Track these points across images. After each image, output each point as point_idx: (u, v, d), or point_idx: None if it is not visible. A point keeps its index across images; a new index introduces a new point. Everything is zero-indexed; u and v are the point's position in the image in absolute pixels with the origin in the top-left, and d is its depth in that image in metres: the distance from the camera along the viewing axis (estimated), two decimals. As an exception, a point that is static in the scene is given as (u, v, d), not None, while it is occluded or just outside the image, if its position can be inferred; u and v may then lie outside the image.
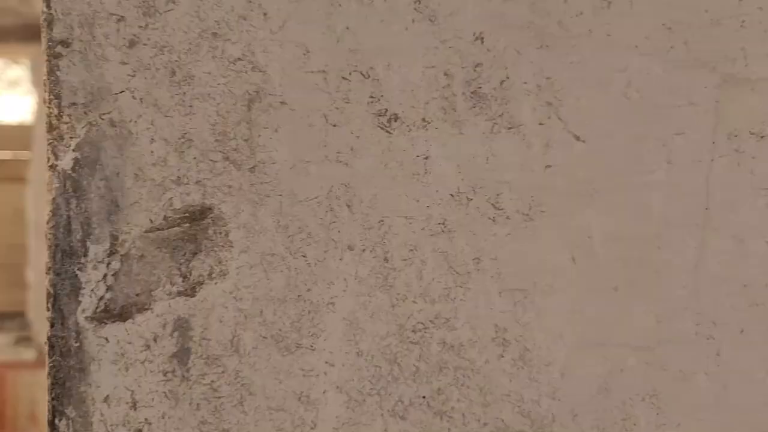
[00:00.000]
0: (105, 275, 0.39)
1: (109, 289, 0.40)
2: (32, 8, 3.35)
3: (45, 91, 0.39)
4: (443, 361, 0.41)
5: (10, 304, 3.68)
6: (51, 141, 0.39)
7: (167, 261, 0.40)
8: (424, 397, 0.41)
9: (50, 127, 0.39)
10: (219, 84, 0.39)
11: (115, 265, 0.39)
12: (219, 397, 0.40)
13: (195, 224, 0.40)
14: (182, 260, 0.40)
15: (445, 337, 0.41)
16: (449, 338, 0.41)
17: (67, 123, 0.39)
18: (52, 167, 0.39)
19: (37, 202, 3.44)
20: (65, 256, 0.39)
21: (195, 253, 0.40)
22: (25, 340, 3.45)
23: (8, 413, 3.38)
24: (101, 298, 0.39)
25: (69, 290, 0.39)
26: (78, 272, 0.39)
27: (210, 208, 0.40)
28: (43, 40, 0.39)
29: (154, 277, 0.40)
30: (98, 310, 0.39)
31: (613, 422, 0.41)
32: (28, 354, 3.34)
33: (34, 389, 3.30)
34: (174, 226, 0.40)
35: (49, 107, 0.39)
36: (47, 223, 0.39)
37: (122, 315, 0.40)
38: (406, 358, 0.41)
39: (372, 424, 0.41)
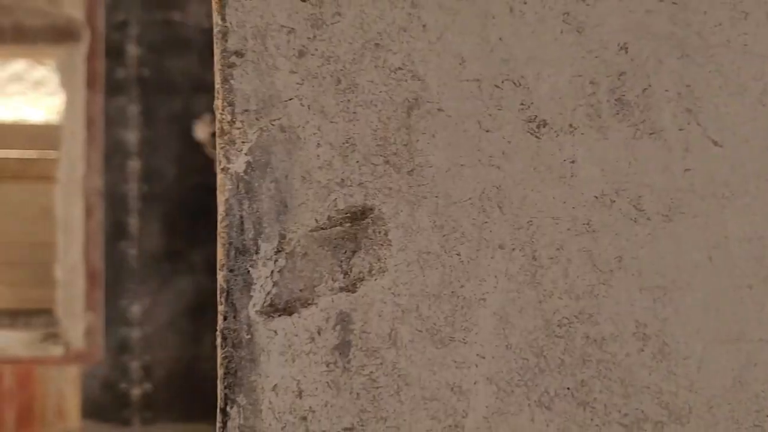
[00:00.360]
0: (272, 272, 0.42)
1: (275, 284, 0.42)
2: (60, 9, 3.38)
3: (218, 99, 0.42)
4: (587, 354, 0.43)
5: (37, 302, 3.72)
6: (223, 145, 0.42)
7: (329, 258, 0.42)
8: (568, 388, 0.43)
9: (222, 132, 0.42)
10: (381, 92, 0.42)
11: (281, 262, 0.42)
12: (377, 387, 0.42)
13: (356, 224, 0.42)
14: (343, 258, 0.42)
15: (589, 331, 0.43)
16: (592, 333, 0.43)
17: (239, 129, 0.41)
18: (224, 170, 0.42)
19: (64, 200, 3.47)
20: (238, 254, 0.41)
21: (355, 251, 0.42)
22: (52, 336, 3.49)
23: (36, 408, 3.42)
24: (268, 293, 0.42)
25: (242, 286, 0.41)
26: (250, 269, 0.41)
27: (371, 209, 0.42)
28: (217, 51, 0.41)
29: (316, 274, 0.42)
30: (265, 304, 0.42)
31: (746, 414, 0.43)
32: (56, 350, 3.38)
33: (62, 385, 3.34)
34: (336, 226, 0.42)
35: (222, 114, 0.41)
36: (220, 222, 0.42)
37: (287, 309, 0.42)
38: (551, 352, 0.43)
39: (519, 414, 0.43)
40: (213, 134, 3.30)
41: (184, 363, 3.37)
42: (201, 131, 3.32)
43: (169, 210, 3.36)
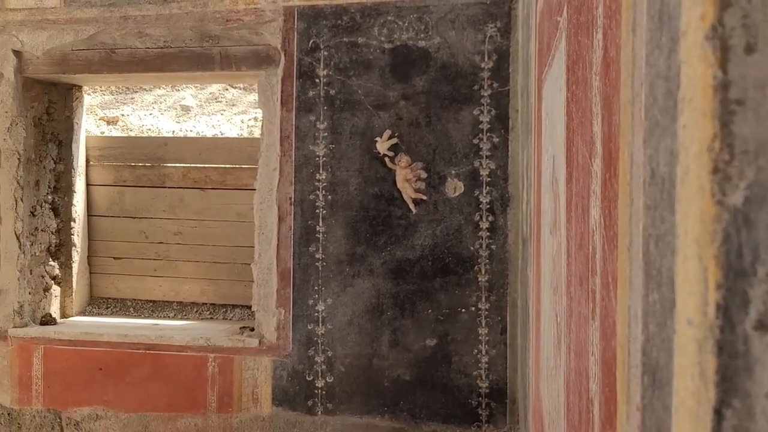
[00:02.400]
0: (765, 292, 0.47)
1: (764, 303, 0.47)
2: (261, 37, 3.77)
3: (714, 141, 0.48)
4: None
5: (235, 298, 4.17)
6: (718, 181, 0.48)
7: (818, 282, 0.47)
8: None
9: (715, 170, 0.48)
10: None
11: (772, 284, 0.47)
12: None
13: None
14: (832, 282, 0.47)
15: None
16: None
17: (736, 167, 0.48)
18: (720, 202, 0.48)
19: (260, 207, 3.83)
20: (736, 276, 0.48)
21: (843, 277, 0.47)
22: (248, 329, 3.88)
23: (235, 393, 3.81)
24: (759, 311, 0.48)
25: (739, 304, 0.48)
26: (747, 289, 0.47)
27: None
28: (715, 99, 0.48)
29: (812, 296, 0.47)
30: (758, 320, 0.48)
31: None
32: (252, 342, 3.74)
33: (256, 373, 3.70)
34: (826, 253, 0.47)
35: (719, 154, 0.48)
36: (719, 247, 0.48)
37: (775, 326, 0.47)
38: None
39: None
40: (390, 149, 3.49)
41: (362, 359, 3.59)
42: (381, 146, 3.53)
43: (351, 217, 3.61)
